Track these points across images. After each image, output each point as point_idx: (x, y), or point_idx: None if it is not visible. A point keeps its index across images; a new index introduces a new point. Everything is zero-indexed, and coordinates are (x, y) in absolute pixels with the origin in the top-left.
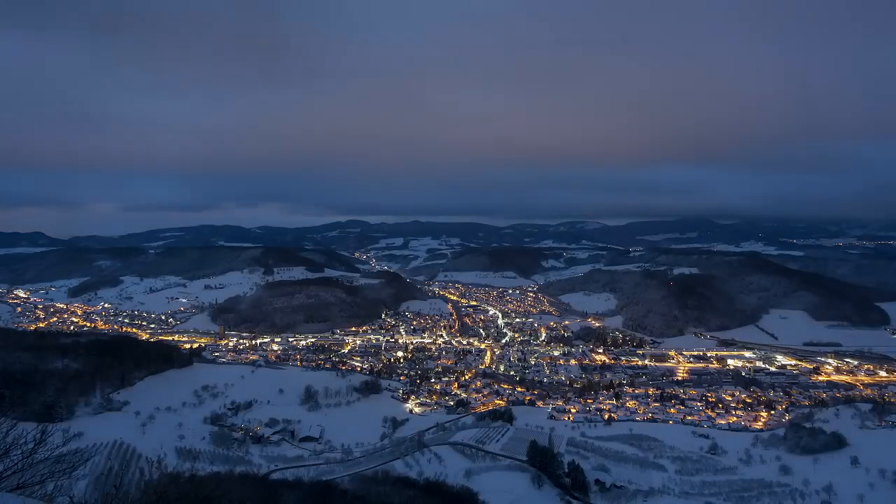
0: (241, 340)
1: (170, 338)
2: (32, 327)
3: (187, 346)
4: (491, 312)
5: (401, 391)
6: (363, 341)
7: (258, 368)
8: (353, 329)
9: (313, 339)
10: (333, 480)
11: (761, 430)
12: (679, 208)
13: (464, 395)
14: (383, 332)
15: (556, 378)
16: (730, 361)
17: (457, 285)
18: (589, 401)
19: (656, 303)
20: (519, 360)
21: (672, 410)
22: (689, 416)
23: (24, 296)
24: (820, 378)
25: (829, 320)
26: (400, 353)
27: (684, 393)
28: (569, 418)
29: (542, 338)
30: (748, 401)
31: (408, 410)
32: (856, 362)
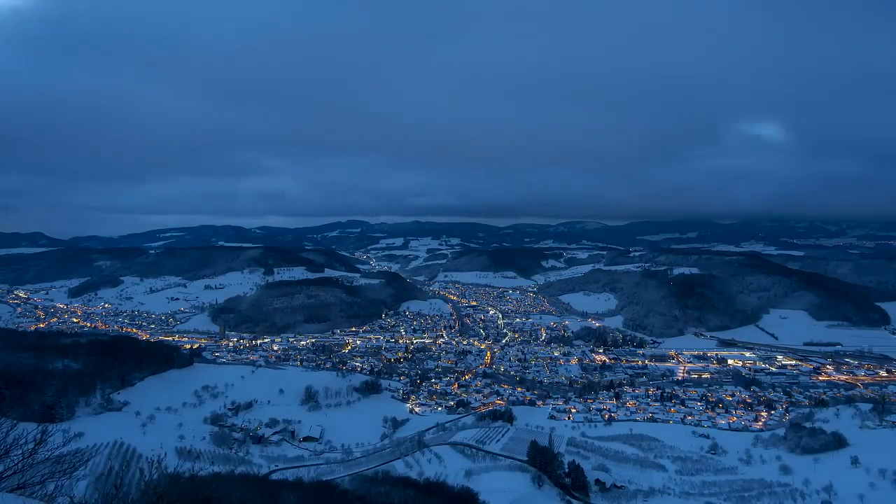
0: (242, 340)
1: (170, 338)
2: (33, 327)
3: (187, 346)
4: (491, 312)
5: (401, 391)
6: (363, 341)
7: (258, 369)
8: (353, 329)
9: (313, 340)
10: (334, 481)
11: (761, 430)
12: (679, 208)
13: (464, 395)
14: (383, 332)
15: (556, 378)
16: (730, 361)
17: (457, 285)
18: (589, 401)
19: (656, 303)
20: (519, 360)
21: (672, 410)
22: (690, 416)
23: (24, 296)
24: (820, 378)
25: (830, 320)
26: (400, 354)
27: (684, 393)
28: (569, 418)
29: (543, 338)
30: (748, 401)
31: (408, 410)
32: (856, 362)
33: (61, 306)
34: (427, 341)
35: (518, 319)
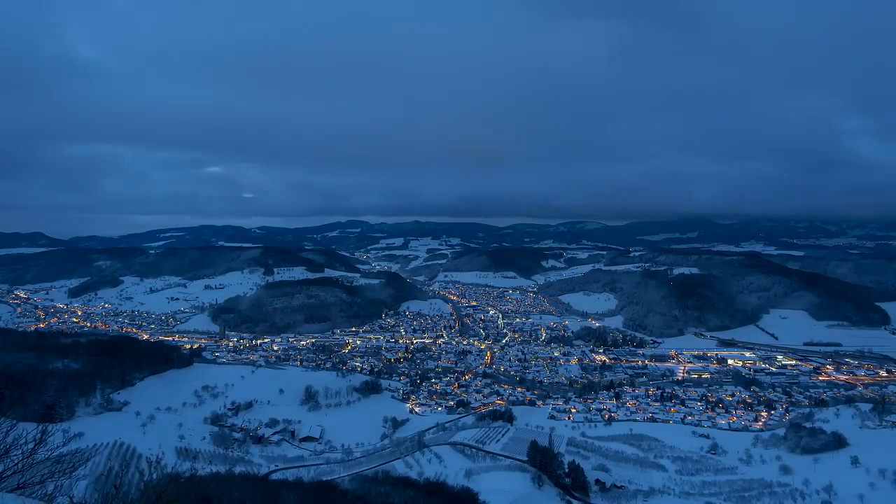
0: (242, 340)
1: (170, 338)
2: (33, 327)
3: (187, 346)
4: (491, 312)
5: (401, 391)
6: (363, 341)
7: (258, 369)
8: (353, 329)
9: (313, 340)
10: (334, 480)
11: (761, 430)
12: (679, 208)
13: (464, 395)
14: (383, 332)
15: (556, 378)
16: (730, 361)
17: (457, 285)
18: (589, 401)
19: (656, 303)
20: (519, 360)
21: (672, 410)
22: (690, 416)
23: (24, 296)
24: (820, 378)
25: (830, 320)
26: (400, 353)
27: (684, 393)
28: (569, 418)
29: (543, 338)
30: (748, 401)
31: (408, 410)
32: (856, 362)
33: (61, 306)
34: (427, 341)
35: (518, 319)
